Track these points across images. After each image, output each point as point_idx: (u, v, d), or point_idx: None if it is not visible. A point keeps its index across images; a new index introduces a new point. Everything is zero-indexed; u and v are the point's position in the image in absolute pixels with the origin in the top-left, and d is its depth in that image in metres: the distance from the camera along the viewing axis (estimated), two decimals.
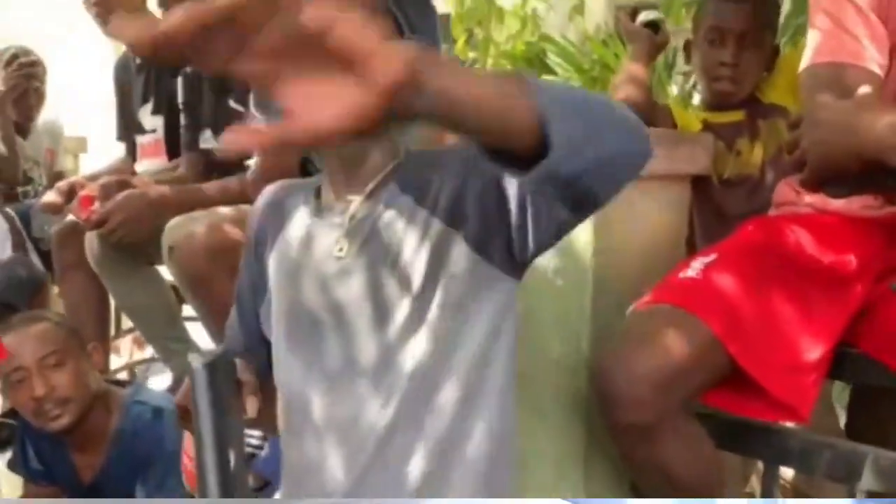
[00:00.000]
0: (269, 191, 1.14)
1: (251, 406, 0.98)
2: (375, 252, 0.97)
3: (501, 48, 3.65)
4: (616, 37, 3.73)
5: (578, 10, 3.60)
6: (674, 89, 3.65)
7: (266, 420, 1.74)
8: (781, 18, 2.44)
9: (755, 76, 1.72)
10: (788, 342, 1.16)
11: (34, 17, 7.48)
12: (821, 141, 1.01)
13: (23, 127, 2.83)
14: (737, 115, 1.73)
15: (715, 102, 1.75)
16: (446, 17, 3.49)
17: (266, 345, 1.11)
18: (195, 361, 0.90)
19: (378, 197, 0.99)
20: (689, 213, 1.61)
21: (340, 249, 0.98)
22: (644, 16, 1.79)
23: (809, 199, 1.31)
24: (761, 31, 1.70)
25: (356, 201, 1.00)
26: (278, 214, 1.08)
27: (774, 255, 1.25)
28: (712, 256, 1.25)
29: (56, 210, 2.31)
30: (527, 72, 0.63)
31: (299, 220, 1.05)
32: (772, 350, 1.15)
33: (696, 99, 3.38)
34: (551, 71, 3.97)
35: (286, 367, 1.04)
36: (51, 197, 2.35)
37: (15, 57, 2.77)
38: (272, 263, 1.07)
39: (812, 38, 1.28)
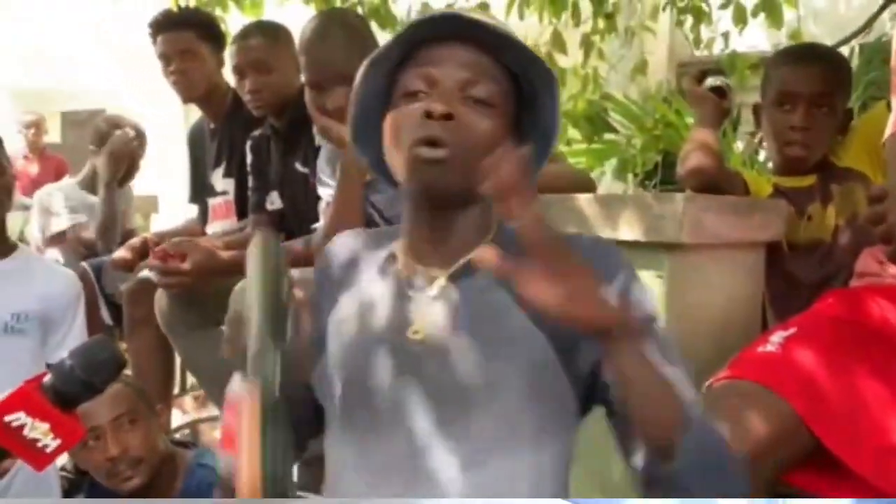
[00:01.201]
0: (342, 241, 1.04)
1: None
2: (455, 341, 0.88)
3: (563, 108, 3.66)
4: (678, 94, 3.72)
5: (640, 69, 3.59)
6: (739, 146, 3.60)
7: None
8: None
9: (827, 140, 1.68)
10: (877, 422, 1.11)
11: (105, 79, 7.85)
12: None
13: None
14: (808, 180, 1.68)
15: (786, 167, 1.71)
16: None
17: (313, 408, 1.01)
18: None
19: (465, 277, 0.90)
20: None
21: (416, 332, 0.89)
22: (711, 81, 1.77)
23: (895, 270, 1.26)
24: (833, 95, 1.66)
25: (440, 279, 0.91)
26: (349, 269, 1.00)
27: (858, 328, 1.20)
28: (792, 330, 1.21)
29: (127, 266, 2.37)
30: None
31: (369, 282, 0.97)
32: (859, 430, 1.10)
33: (762, 155, 3.35)
34: (612, 129, 3.98)
35: (338, 448, 0.95)
36: (122, 253, 2.43)
37: (115, 126, 2.83)
38: (333, 324, 0.98)
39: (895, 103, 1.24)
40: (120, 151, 2.72)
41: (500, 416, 0.86)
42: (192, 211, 2.58)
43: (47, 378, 0.93)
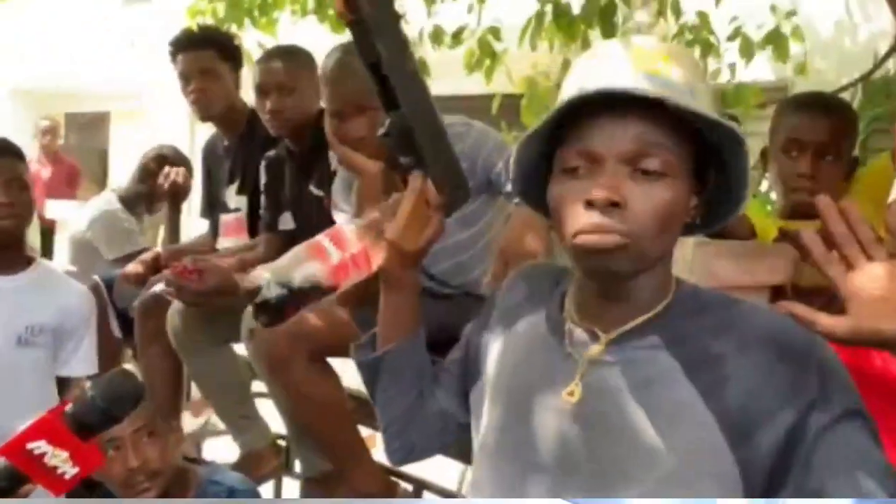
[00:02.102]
0: (526, 271, 1.01)
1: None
2: (611, 412, 0.81)
3: None
4: None
5: None
6: None
7: None
8: None
9: (833, 187, 1.72)
10: None
11: (110, 81, 7.88)
12: None
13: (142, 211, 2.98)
14: (814, 225, 1.71)
15: (791, 211, 1.75)
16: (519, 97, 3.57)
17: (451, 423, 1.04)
18: None
19: (631, 340, 0.84)
20: None
21: (571, 393, 0.83)
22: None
23: None
24: (839, 144, 1.70)
25: (600, 343, 0.85)
26: (522, 302, 0.96)
27: (859, 376, 1.23)
28: None
29: (139, 280, 2.40)
30: None
31: (534, 326, 0.92)
32: None
33: (764, 185, 3.39)
34: None
35: (486, 491, 0.90)
36: (134, 267, 2.46)
37: (167, 161, 2.83)
38: (493, 357, 0.95)
39: None
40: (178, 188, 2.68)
41: (652, 493, 0.78)
42: (201, 225, 2.62)
43: (69, 407, 0.98)
